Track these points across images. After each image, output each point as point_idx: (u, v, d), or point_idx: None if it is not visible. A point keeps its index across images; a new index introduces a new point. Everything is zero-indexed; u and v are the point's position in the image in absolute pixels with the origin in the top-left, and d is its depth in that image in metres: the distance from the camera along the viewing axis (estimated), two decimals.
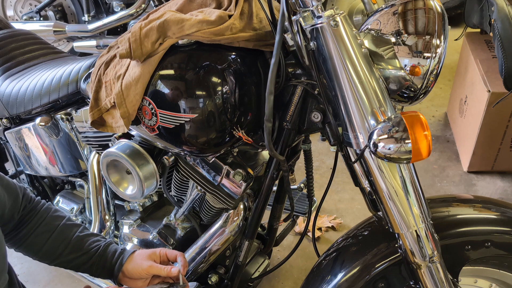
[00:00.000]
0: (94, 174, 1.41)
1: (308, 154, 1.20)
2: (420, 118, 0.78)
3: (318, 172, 2.40)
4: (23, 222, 1.05)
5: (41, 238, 1.05)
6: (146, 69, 0.93)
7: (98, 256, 1.06)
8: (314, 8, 0.81)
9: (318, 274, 1.08)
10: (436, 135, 2.63)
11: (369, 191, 0.98)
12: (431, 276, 0.93)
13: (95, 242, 1.08)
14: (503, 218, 1.02)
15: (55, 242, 1.05)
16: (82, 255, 1.06)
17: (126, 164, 1.12)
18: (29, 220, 1.05)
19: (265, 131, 0.88)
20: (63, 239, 1.06)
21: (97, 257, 1.06)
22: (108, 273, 1.07)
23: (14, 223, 1.03)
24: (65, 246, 1.05)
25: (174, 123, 0.95)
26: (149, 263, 1.04)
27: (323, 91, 0.88)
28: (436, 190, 2.26)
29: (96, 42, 1.49)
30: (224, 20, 0.89)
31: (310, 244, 1.95)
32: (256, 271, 1.43)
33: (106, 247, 1.08)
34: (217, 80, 0.92)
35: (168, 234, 1.32)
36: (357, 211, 2.16)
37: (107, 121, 1.05)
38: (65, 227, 1.08)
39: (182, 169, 1.19)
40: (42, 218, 1.07)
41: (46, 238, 1.05)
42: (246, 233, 1.18)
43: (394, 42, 0.83)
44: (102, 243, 1.08)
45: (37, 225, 1.05)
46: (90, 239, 1.09)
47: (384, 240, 1.01)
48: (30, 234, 1.04)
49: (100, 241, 1.09)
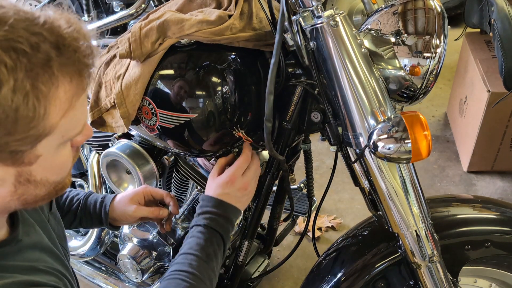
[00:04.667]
0: (94, 174, 1.41)
1: (308, 154, 1.20)
2: (420, 118, 0.78)
3: (318, 172, 2.40)
4: None
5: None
6: (146, 69, 0.93)
7: (81, 211, 1.05)
8: (314, 8, 0.81)
9: (318, 274, 1.08)
10: (436, 135, 2.63)
11: (369, 191, 0.98)
12: (431, 276, 0.93)
13: (75, 197, 1.08)
14: (503, 218, 1.03)
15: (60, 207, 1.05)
16: (67, 213, 1.06)
17: (126, 164, 1.12)
18: None
19: (265, 131, 0.88)
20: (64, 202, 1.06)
21: (80, 212, 1.05)
22: (98, 224, 1.06)
23: None
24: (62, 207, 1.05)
25: (174, 123, 0.95)
26: (133, 207, 1.02)
27: (323, 91, 0.88)
28: (436, 190, 2.26)
29: (96, 42, 1.49)
30: (224, 20, 0.89)
31: (310, 244, 1.95)
32: (256, 271, 1.43)
33: (86, 200, 1.06)
34: (217, 80, 0.92)
35: (168, 234, 1.32)
36: (357, 211, 2.16)
37: (107, 121, 1.05)
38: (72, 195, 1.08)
39: (182, 169, 1.19)
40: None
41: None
42: (246, 233, 1.18)
43: (394, 42, 0.83)
44: (82, 197, 1.07)
45: None
46: (70, 195, 1.08)
47: (384, 240, 1.01)
48: None
49: (79, 195, 1.08)
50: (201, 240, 0.90)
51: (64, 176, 0.68)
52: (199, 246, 0.90)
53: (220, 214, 0.93)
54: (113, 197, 1.06)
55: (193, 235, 0.91)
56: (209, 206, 0.94)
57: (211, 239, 0.91)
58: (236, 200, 0.96)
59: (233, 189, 0.95)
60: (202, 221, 0.92)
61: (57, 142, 0.61)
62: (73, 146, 0.68)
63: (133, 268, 1.29)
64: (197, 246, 0.90)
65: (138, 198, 1.04)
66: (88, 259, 1.51)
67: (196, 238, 0.91)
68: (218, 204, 0.94)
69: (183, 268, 0.86)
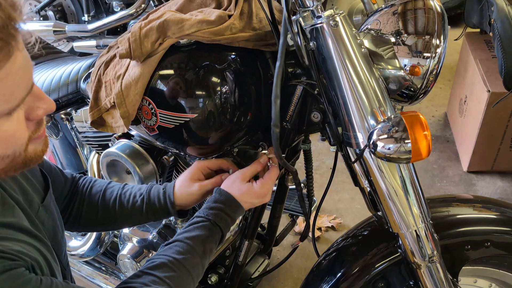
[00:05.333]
0: (94, 174, 1.41)
1: (308, 154, 1.20)
2: (419, 118, 0.78)
3: (318, 172, 2.40)
4: (71, 202, 1.05)
5: (91, 208, 1.04)
6: (146, 69, 0.93)
7: (147, 206, 1.03)
8: (314, 8, 0.81)
9: (318, 274, 1.08)
10: (436, 135, 2.63)
11: (369, 191, 0.98)
12: (430, 276, 0.93)
13: (139, 192, 1.05)
14: (503, 218, 1.03)
15: (104, 205, 1.04)
16: (133, 210, 1.03)
17: (126, 164, 1.12)
18: (75, 197, 1.05)
19: (272, 137, 0.87)
20: (109, 201, 1.04)
21: (147, 207, 1.03)
22: (166, 215, 1.05)
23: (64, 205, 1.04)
24: (114, 207, 1.03)
25: (174, 123, 0.95)
26: (196, 185, 1.01)
27: (323, 91, 0.88)
28: (436, 190, 2.26)
29: (96, 42, 1.49)
30: (224, 20, 0.89)
31: (310, 244, 1.95)
32: (256, 271, 1.43)
33: (149, 194, 1.04)
34: (216, 80, 0.92)
35: (168, 234, 1.32)
36: (357, 211, 2.16)
37: (107, 121, 1.05)
38: (107, 189, 1.06)
39: (182, 169, 1.19)
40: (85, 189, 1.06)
41: (95, 205, 1.04)
42: (246, 233, 1.18)
43: (394, 42, 0.83)
44: (144, 192, 1.04)
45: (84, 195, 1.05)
46: (133, 191, 1.05)
47: (384, 240, 1.01)
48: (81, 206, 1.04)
49: (142, 189, 1.05)
50: (204, 235, 0.91)
51: (16, 149, 0.65)
52: (199, 239, 0.90)
53: (230, 215, 0.95)
54: (172, 186, 1.03)
55: (198, 227, 0.92)
56: (227, 206, 0.95)
57: (213, 236, 0.92)
58: (249, 204, 0.99)
59: (257, 200, 0.99)
60: (213, 217, 0.93)
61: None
62: (31, 120, 0.65)
63: (133, 268, 1.29)
64: (198, 239, 0.90)
65: (197, 175, 1.03)
66: (88, 259, 1.51)
67: (200, 231, 0.91)
68: (235, 207, 0.96)
69: (174, 255, 0.87)
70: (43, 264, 0.72)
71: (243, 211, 0.98)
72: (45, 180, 0.90)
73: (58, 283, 0.70)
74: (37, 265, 0.70)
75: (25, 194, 0.81)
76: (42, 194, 0.87)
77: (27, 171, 0.85)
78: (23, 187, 0.81)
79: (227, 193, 0.96)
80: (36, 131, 0.67)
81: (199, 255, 0.89)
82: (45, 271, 0.72)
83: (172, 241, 0.90)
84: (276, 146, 0.88)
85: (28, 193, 0.82)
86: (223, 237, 0.95)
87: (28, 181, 0.84)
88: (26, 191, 0.81)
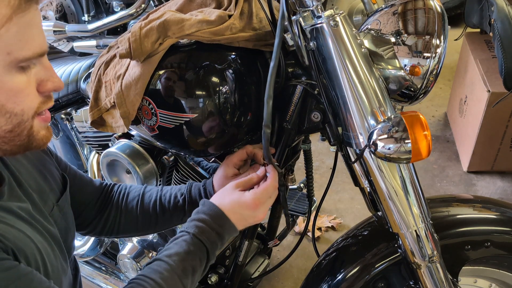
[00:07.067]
0: (94, 174, 1.41)
1: (308, 154, 1.20)
2: (420, 118, 0.78)
3: (318, 172, 2.40)
4: (104, 209, 1.04)
5: (130, 214, 1.03)
6: (146, 69, 0.93)
7: (189, 204, 1.00)
8: (314, 8, 0.81)
9: (318, 274, 1.08)
10: (436, 135, 2.63)
11: (369, 191, 0.98)
12: (430, 276, 0.93)
13: (179, 191, 1.02)
14: (503, 218, 1.03)
15: (143, 210, 1.02)
16: (175, 211, 1.01)
17: (126, 164, 1.12)
18: (109, 205, 1.05)
19: (263, 137, 0.86)
20: (149, 204, 1.02)
21: (189, 206, 1.00)
22: None
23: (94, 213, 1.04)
24: (155, 210, 1.02)
25: (174, 123, 0.95)
26: (231, 183, 0.92)
27: (323, 91, 0.88)
28: (436, 190, 2.26)
29: (96, 42, 1.49)
30: (224, 20, 0.89)
31: (310, 244, 1.95)
32: (256, 271, 1.43)
33: (190, 193, 1.01)
34: (217, 80, 0.92)
35: (167, 234, 1.32)
36: (357, 211, 2.16)
37: (107, 121, 1.05)
38: (145, 193, 1.04)
39: (182, 169, 1.19)
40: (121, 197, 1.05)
41: (134, 212, 1.03)
42: (245, 233, 1.18)
43: (394, 42, 0.83)
44: (185, 191, 1.02)
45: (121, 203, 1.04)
46: (173, 192, 1.03)
47: (384, 240, 1.01)
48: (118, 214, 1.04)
49: (182, 189, 1.03)
50: (183, 251, 0.82)
51: (25, 110, 0.66)
52: (178, 256, 0.82)
53: (215, 228, 0.86)
54: (211, 183, 1.01)
55: (177, 242, 0.84)
56: (207, 215, 0.86)
57: (195, 252, 0.83)
58: (240, 218, 0.88)
59: (248, 212, 0.88)
60: (193, 229, 0.85)
61: (3, 59, 0.60)
62: (40, 92, 0.68)
63: (133, 268, 1.30)
64: (176, 256, 0.82)
65: (231, 171, 0.99)
66: (88, 259, 1.52)
67: (179, 246, 0.83)
68: (219, 217, 0.86)
69: (151, 275, 0.79)
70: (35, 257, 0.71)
71: (231, 225, 0.87)
72: (64, 183, 0.93)
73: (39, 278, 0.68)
74: (23, 254, 0.69)
75: (41, 192, 0.83)
76: (58, 195, 0.89)
77: (46, 172, 0.88)
78: (40, 185, 0.84)
79: (210, 203, 0.88)
80: (44, 104, 0.70)
81: (177, 274, 0.80)
82: (35, 265, 0.71)
83: (152, 260, 0.84)
84: (266, 147, 0.86)
85: (44, 191, 0.84)
86: (210, 254, 0.85)
87: (47, 181, 0.87)
88: (42, 190, 0.84)
